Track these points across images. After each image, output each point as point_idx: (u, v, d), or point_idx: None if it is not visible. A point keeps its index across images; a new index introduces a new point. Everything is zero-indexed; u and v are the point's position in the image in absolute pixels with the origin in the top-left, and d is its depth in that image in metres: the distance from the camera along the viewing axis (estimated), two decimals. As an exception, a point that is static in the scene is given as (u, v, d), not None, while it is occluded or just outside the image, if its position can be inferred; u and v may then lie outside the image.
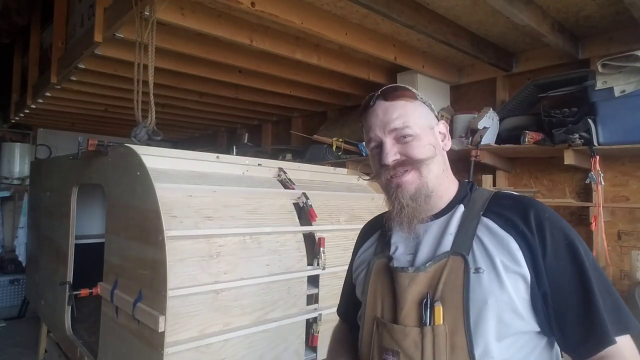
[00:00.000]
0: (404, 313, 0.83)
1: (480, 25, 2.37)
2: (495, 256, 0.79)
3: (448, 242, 0.85)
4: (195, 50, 2.55)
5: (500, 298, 0.76)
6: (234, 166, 2.06)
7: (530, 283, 0.77)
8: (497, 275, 0.78)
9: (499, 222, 0.83)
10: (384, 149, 0.89)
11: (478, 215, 0.86)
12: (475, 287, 0.78)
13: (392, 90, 0.93)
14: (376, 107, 0.92)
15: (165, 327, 1.42)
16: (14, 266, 4.93)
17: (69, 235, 2.40)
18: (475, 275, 0.79)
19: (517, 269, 0.78)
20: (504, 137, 2.57)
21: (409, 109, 0.91)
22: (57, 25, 3.10)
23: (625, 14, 2.09)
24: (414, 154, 0.88)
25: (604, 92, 2.11)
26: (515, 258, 0.78)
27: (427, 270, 0.83)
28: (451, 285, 0.80)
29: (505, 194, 0.92)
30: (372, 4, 1.86)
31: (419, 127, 0.90)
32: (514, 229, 0.81)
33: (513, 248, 0.79)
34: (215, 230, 1.65)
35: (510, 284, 0.77)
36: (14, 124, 5.37)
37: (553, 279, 0.78)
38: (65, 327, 2.37)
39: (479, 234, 0.84)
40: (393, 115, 0.89)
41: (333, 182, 2.59)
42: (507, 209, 0.85)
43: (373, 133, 0.91)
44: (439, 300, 0.80)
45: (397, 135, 0.89)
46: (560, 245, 0.79)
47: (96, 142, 1.98)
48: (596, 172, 2.19)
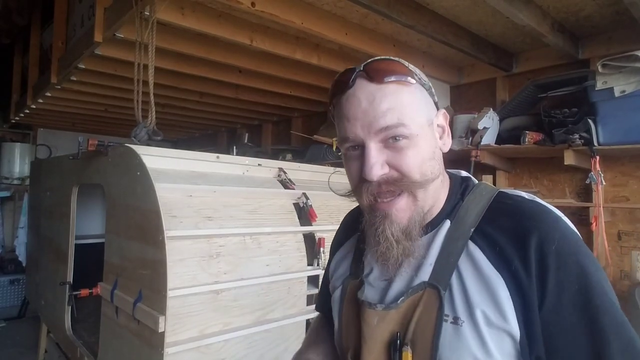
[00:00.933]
0: (372, 356, 0.68)
1: (480, 25, 2.37)
2: (476, 305, 0.61)
3: (426, 272, 0.67)
4: (196, 50, 2.55)
5: (478, 357, 0.60)
6: (234, 166, 2.06)
7: (520, 342, 0.60)
8: (477, 331, 0.61)
9: (489, 252, 0.63)
10: (367, 158, 0.64)
11: (466, 235, 0.66)
12: (450, 341, 0.62)
13: (381, 67, 0.66)
14: (357, 90, 0.66)
15: (165, 327, 1.42)
16: (14, 266, 4.93)
17: (69, 235, 2.40)
18: (452, 326, 0.62)
19: (503, 324, 0.60)
20: (504, 138, 2.57)
21: (405, 96, 0.65)
22: (57, 25, 3.10)
23: (625, 14, 2.09)
24: (409, 170, 0.65)
25: (604, 92, 2.11)
26: (502, 310, 0.60)
27: (399, 306, 0.66)
28: (422, 328, 0.64)
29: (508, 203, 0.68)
30: (372, 4, 1.86)
31: (418, 126, 0.66)
32: (505, 266, 0.61)
33: (501, 296, 0.60)
34: (215, 230, 1.65)
35: (493, 343, 0.60)
36: (14, 124, 5.37)
37: (549, 339, 0.58)
38: (65, 327, 2.37)
39: (461, 266, 0.64)
40: (382, 106, 0.64)
41: (333, 182, 2.59)
42: (503, 233, 0.64)
43: (351, 131, 0.65)
44: (409, 344, 0.64)
45: (386, 136, 0.64)
46: (567, 291, 0.58)
47: (96, 142, 1.97)
48: (596, 172, 2.19)
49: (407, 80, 0.66)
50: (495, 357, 0.60)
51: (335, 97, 0.70)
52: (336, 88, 0.69)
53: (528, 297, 0.59)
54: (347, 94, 0.67)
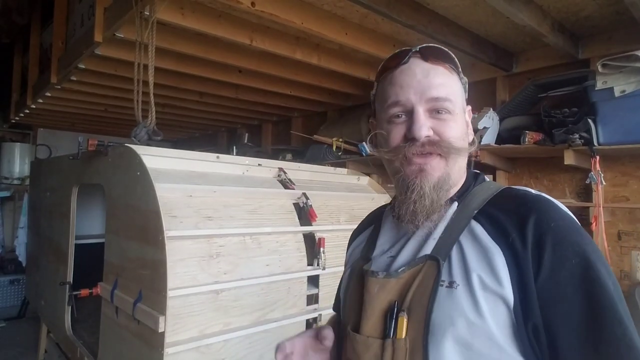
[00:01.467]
0: (369, 323, 0.71)
1: (480, 25, 2.37)
2: (472, 270, 0.65)
3: (430, 246, 0.71)
4: (195, 50, 2.55)
5: (473, 321, 0.62)
6: (234, 166, 2.06)
7: (513, 308, 0.61)
8: (471, 293, 0.63)
9: (490, 228, 0.68)
10: (417, 119, 0.71)
11: (469, 216, 0.71)
12: (443, 303, 0.65)
13: (436, 51, 0.76)
14: (412, 65, 0.75)
15: (165, 327, 1.42)
16: (14, 266, 4.93)
17: (69, 235, 2.40)
18: (447, 289, 0.65)
19: (497, 289, 0.62)
20: (504, 137, 2.57)
21: (452, 81, 0.76)
22: (57, 25, 3.10)
23: (626, 14, 2.09)
24: (449, 135, 0.72)
25: (604, 92, 2.11)
26: (497, 275, 0.62)
27: (400, 276, 0.71)
28: (419, 295, 0.68)
29: (513, 192, 0.73)
30: (372, 4, 1.86)
31: (459, 107, 0.75)
32: (503, 239, 0.65)
33: (497, 263, 0.63)
34: (216, 230, 1.65)
35: (486, 306, 0.62)
36: (14, 124, 5.37)
37: (546, 309, 0.60)
38: (65, 327, 2.37)
39: (462, 240, 0.69)
40: (436, 80, 0.73)
41: (333, 182, 2.59)
42: (504, 212, 0.68)
43: (403, 95, 0.73)
44: (405, 310, 0.68)
45: (434, 107, 0.72)
46: (564, 266, 0.61)
47: (96, 142, 1.98)
48: (596, 172, 2.19)
49: (453, 69, 0.77)
50: (487, 319, 0.61)
51: (386, 72, 0.78)
52: (389, 63, 0.78)
53: (523, 267, 0.62)
54: (401, 68, 0.75)
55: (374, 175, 3.17)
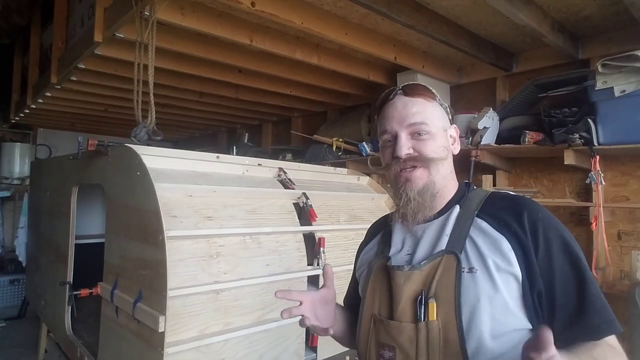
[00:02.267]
0: (400, 310, 0.85)
1: (480, 25, 2.37)
2: (487, 257, 0.81)
3: (444, 242, 0.87)
4: (195, 50, 2.55)
5: (493, 297, 0.78)
6: (234, 166, 2.06)
7: (522, 282, 0.79)
8: (490, 275, 0.79)
9: (493, 222, 0.85)
10: (399, 142, 0.90)
11: (472, 215, 0.88)
12: (468, 286, 0.80)
13: (414, 87, 0.96)
14: (396, 101, 0.94)
15: (165, 327, 1.42)
16: (14, 266, 4.93)
17: (69, 235, 2.40)
18: (469, 274, 0.81)
19: (509, 268, 0.79)
20: (504, 137, 2.57)
21: (428, 107, 0.93)
22: (57, 25, 3.10)
23: (626, 14, 2.09)
24: (426, 151, 0.90)
25: (604, 92, 2.11)
26: (507, 258, 0.80)
27: (422, 268, 0.85)
28: (444, 283, 0.82)
29: (500, 194, 0.93)
30: (372, 4, 1.86)
31: (435, 127, 0.92)
32: (507, 230, 0.83)
33: (505, 248, 0.81)
34: (216, 230, 1.65)
35: (502, 283, 0.79)
36: (14, 124, 5.37)
37: (546, 277, 0.79)
38: (65, 327, 2.37)
39: (472, 234, 0.85)
40: (412, 110, 0.91)
41: (333, 182, 2.59)
42: (501, 210, 0.87)
43: (389, 125, 0.93)
44: (433, 297, 0.82)
45: (413, 130, 0.90)
46: (553, 244, 0.81)
47: (96, 142, 1.97)
48: (596, 172, 2.19)
49: (431, 97, 0.95)
50: (502, 293, 0.78)
51: (381, 107, 0.98)
52: (382, 101, 0.98)
53: (526, 248, 0.80)
54: (389, 104, 0.96)
55: (374, 175, 3.18)
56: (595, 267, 2.20)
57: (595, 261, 2.22)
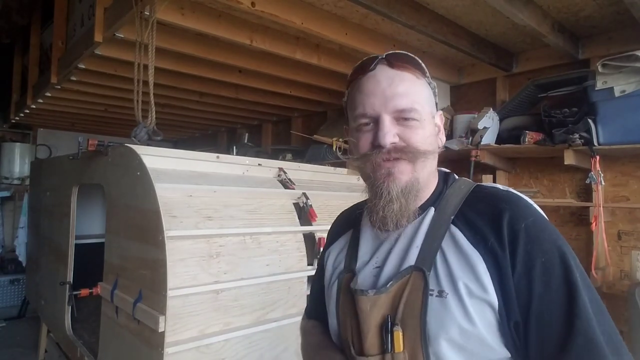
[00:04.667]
0: (368, 342, 0.72)
1: (480, 26, 2.37)
2: (458, 279, 0.67)
3: (413, 255, 0.72)
4: (196, 50, 2.55)
5: (465, 327, 0.65)
6: (234, 166, 2.06)
7: (498, 310, 0.64)
8: (461, 301, 0.65)
9: (468, 233, 0.70)
10: (382, 127, 0.72)
11: (448, 222, 0.73)
12: (436, 312, 0.67)
13: (401, 58, 0.76)
14: (377, 73, 0.75)
15: (165, 327, 1.42)
16: (14, 266, 4.93)
17: (69, 235, 2.40)
18: (438, 299, 0.67)
19: (483, 294, 0.65)
20: (504, 137, 2.57)
21: (417, 86, 0.76)
22: (57, 25, 3.10)
23: (626, 14, 2.09)
24: (415, 142, 0.73)
25: (604, 92, 2.11)
26: (481, 281, 0.65)
27: (389, 290, 0.71)
28: (410, 307, 0.68)
29: (484, 191, 0.76)
30: (372, 4, 1.86)
31: (425, 113, 0.75)
32: (483, 244, 0.67)
33: (480, 270, 0.66)
34: (216, 230, 1.65)
35: (475, 312, 0.65)
36: (14, 124, 5.37)
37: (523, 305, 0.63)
38: (65, 327, 2.37)
39: (444, 247, 0.70)
40: (399, 89, 0.73)
41: (333, 182, 2.59)
42: (479, 216, 0.71)
43: (369, 105, 0.74)
44: (399, 324, 0.69)
45: (399, 115, 0.73)
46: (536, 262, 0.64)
47: (96, 142, 1.98)
48: (596, 172, 2.19)
49: (420, 73, 0.77)
50: (477, 325, 0.64)
51: (355, 79, 0.79)
52: (358, 70, 0.78)
53: (503, 268, 0.65)
54: (368, 75, 0.76)
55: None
56: (595, 267, 2.20)
57: (595, 261, 2.21)
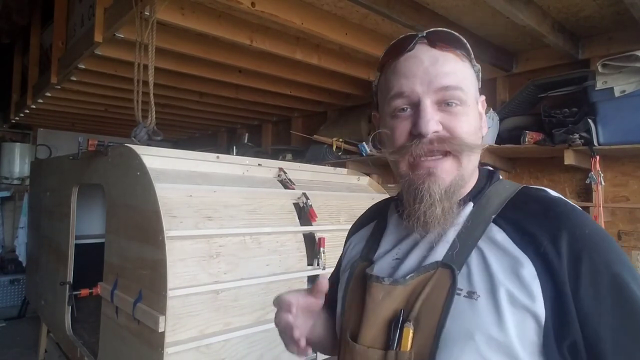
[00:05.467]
0: (372, 332, 0.65)
1: (480, 26, 2.37)
2: (499, 284, 0.58)
3: (442, 250, 0.64)
4: (196, 51, 2.55)
5: (494, 337, 0.56)
6: (234, 166, 2.07)
7: (544, 325, 0.55)
8: (497, 306, 0.57)
9: (514, 234, 0.61)
10: (423, 113, 0.62)
11: (488, 220, 0.64)
12: (460, 315, 0.59)
13: (444, 36, 0.67)
14: (418, 52, 0.66)
15: (165, 327, 1.42)
16: (14, 266, 4.93)
17: (69, 235, 2.40)
18: (466, 299, 0.59)
19: (528, 303, 0.56)
20: (504, 137, 2.57)
21: (463, 68, 0.67)
22: (57, 26, 3.10)
23: (626, 14, 2.09)
24: (461, 131, 0.64)
25: (604, 93, 2.11)
26: (528, 288, 0.56)
27: (407, 283, 0.64)
28: (430, 305, 0.61)
29: (534, 194, 0.67)
30: (372, 4, 1.86)
31: (470, 96, 0.66)
32: (533, 248, 0.59)
33: (527, 274, 0.57)
34: (216, 230, 1.65)
35: (513, 321, 0.56)
36: (14, 124, 5.37)
37: (590, 324, 0.55)
38: (65, 327, 2.37)
39: (482, 246, 0.62)
40: (445, 68, 0.64)
41: (333, 182, 2.59)
42: (530, 218, 0.62)
43: (408, 86, 0.64)
44: (412, 321, 0.61)
45: (443, 97, 0.64)
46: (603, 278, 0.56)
47: (96, 142, 1.98)
48: (596, 172, 2.19)
49: (464, 56, 0.69)
50: (510, 335, 0.55)
51: (389, 60, 0.69)
52: (393, 51, 0.69)
53: (559, 278, 0.56)
54: (406, 56, 0.67)
55: (374, 175, 3.18)
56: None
57: (595, 261, 2.21)
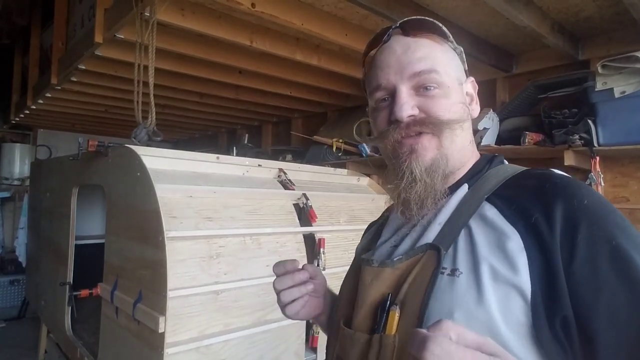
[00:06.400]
0: (360, 316, 0.64)
1: (480, 27, 2.37)
2: (482, 259, 0.56)
3: (433, 232, 0.63)
4: (196, 51, 2.55)
5: (474, 314, 0.53)
6: (234, 167, 2.07)
7: (531, 301, 0.52)
8: (477, 282, 0.54)
9: (505, 209, 0.58)
10: (398, 99, 0.65)
11: (481, 199, 0.62)
12: (442, 293, 0.56)
13: (417, 23, 0.70)
14: (392, 43, 0.69)
15: (165, 327, 1.42)
16: (14, 267, 4.93)
17: (69, 236, 2.40)
18: (449, 277, 0.57)
19: (511, 277, 0.53)
20: (504, 138, 2.57)
21: (438, 51, 0.68)
22: (57, 26, 3.10)
23: (625, 15, 2.09)
24: (437, 110, 0.64)
25: (604, 93, 2.11)
26: (511, 262, 0.53)
27: (396, 266, 0.63)
28: (416, 287, 0.59)
29: (534, 171, 0.63)
30: (372, 5, 1.86)
31: (449, 78, 0.67)
32: (522, 220, 0.56)
33: (512, 247, 0.54)
34: (216, 231, 1.65)
35: (494, 297, 0.53)
36: (14, 125, 5.37)
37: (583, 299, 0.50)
38: (65, 327, 2.37)
39: (472, 224, 0.60)
40: (416, 54, 0.66)
41: (333, 182, 2.59)
42: (524, 191, 0.59)
43: (384, 77, 0.67)
44: (399, 304, 0.60)
45: (418, 83, 0.65)
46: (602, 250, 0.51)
47: (96, 142, 1.98)
48: (596, 173, 2.19)
49: (441, 38, 0.70)
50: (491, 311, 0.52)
51: (369, 54, 0.72)
52: (372, 45, 0.72)
53: (550, 251, 0.52)
54: (382, 48, 0.70)
55: (374, 175, 3.17)
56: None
57: (595, 262, 2.21)
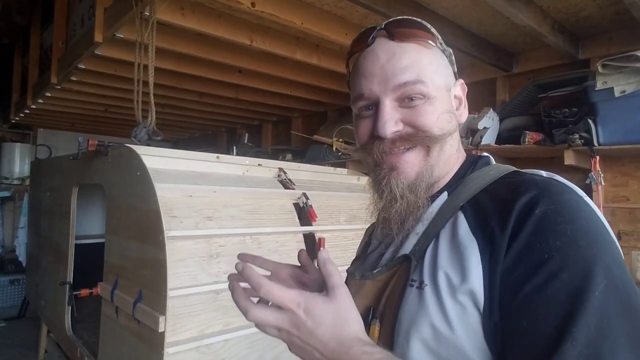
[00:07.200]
0: None
1: (480, 26, 2.37)
2: (439, 268, 0.55)
3: (410, 243, 0.62)
4: (196, 51, 2.55)
5: (436, 325, 0.53)
6: (234, 166, 2.07)
7: (482, 308, 0.50)
8: (437, 293, 0.54)
9: (472, 219, 0.57)
10: (381, 114, 0.61)
11: (456, 208, 0.60)
12: (411, 306, 0.56)
13: (403, 25, 0.65)
14: (376, 48, 0.64)
15: (165, 327, 1.42)
16: (14, 266, 4.93)
17: (69, 235, 2.40)
18: (417, 290, 0.56)
19: (462, 284, 0.52)
20: (504, 138, 2.57)
21: (424, 57, 0.63)
22: (57, 26, 3.10)
23: (626, 14, 2.09)
24: (425, 123, 0.61)
25: (604, 93, 2.11)
26: (465, 271, 0.52)
27: (377, 278, 0.63)
28: (392, 300, 0.60)
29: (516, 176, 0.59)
30: (372, 5, 1.86)
31: (435, 87, 0.62)
32: (482, 230, 0.54)
33: (470, 259, 0.53)
34: (216, 230, 1.65)
35: (453, 308, 0.52)
36: (14, 124, 5.37)
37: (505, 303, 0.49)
38: (65, 327, 2.37)
39: (441, 235, 0.59)
40: (401, 62, 0.61)
41: (333, 182, 2.59)
42: (494, 200, 0.56)
43: (367, 87, 0.63)
44: (379, 317, 0.60)
45: (403, 94, 0.61)
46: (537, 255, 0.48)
47: (96, 142, 1.98)
48: (596, 172, 2.19)
49: (428, 42, 0.65)
50: (455, 329, 0.51)
51: (353, 56, 0.68)
52: (354, 47, 0.68)
53: (496, 255, 0.51)
54: (366, 52, 0.65)
55: (374, 175, 3.17)
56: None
57: (595, 261, 2.21)
